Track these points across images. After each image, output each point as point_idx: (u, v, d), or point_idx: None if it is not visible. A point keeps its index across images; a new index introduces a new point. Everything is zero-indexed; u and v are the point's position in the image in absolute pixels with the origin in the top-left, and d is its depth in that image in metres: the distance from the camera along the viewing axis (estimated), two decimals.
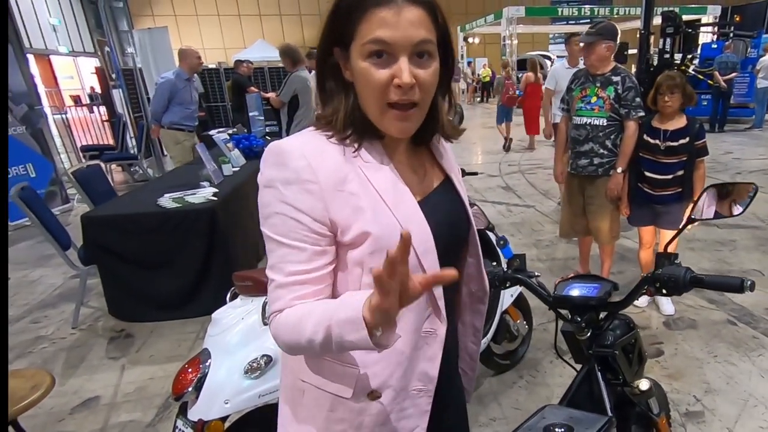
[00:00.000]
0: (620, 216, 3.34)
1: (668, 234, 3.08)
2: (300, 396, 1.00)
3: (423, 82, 0.83)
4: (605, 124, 3.17)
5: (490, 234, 2.56)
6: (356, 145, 0.89)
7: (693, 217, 1.39)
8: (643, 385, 1.39)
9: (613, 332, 1.34)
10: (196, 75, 10.71)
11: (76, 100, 17.25)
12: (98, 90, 13.55)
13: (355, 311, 0.74)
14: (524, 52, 22.43)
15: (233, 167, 4.61)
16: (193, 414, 1.69)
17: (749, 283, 1.10)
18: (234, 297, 2.10)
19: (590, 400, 1.36)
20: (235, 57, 12.89)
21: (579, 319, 1.31)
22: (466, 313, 1.16)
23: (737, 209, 1.35)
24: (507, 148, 9.75)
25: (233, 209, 3.80)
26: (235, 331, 1.87)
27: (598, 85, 3.17)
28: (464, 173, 2.71)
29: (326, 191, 0.85)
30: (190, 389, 1.72)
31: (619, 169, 3.13)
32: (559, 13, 20.89)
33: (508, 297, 2.59)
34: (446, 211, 0.99)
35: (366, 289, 0.85)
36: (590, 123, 3.22)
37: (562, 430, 1.26)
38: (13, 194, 3.31)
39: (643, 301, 3.36)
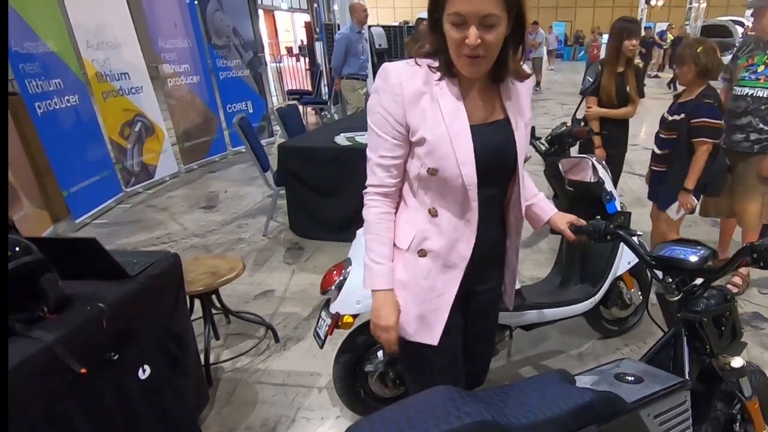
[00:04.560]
0: None
1: (661, 216, 2.73)
2: None
3: (487, 42, 1.03)
4: None
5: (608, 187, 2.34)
6: (439, 74, 1.12)
7: None
8: (736, 362, 1.25)
9: (706, 300, 1.22)
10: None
11: (289, 51, 18.84)
12: (305, 42, 14.65)
13: (383, 284, 1.22)
14: (715, 16, 18.60)
15: None
16: (333, 308, 1.86)
17: None
18: None
19: (671, 362, 1.28)
20: (419, 15, 12.82)
21: (670, 280, 1.22)
22: (513, 233, 1.34)
23: None
24: None
25: None
26: None
27: None
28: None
29: (407, 102, 1.11)
30: (333, 288, 1.88)
31: None
32: None
33: (624, 264, 2.35)
34: (493, 139, 1.17)
35: (423, 174, 1.15)
36: (753, 94, 2.66)
37: (632, 378, 1.21)
38: (235, 122, 3.83)
39: None
